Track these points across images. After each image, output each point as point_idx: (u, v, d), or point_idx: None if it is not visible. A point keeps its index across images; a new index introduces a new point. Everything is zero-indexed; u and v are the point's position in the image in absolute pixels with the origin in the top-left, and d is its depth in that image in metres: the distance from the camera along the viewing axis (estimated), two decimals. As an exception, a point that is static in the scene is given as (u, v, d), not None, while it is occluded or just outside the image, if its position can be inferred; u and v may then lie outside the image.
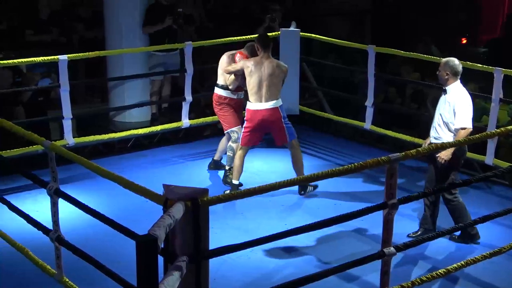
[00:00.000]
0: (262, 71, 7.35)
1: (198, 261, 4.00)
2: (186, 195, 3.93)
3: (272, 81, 7.37)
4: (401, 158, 4.90)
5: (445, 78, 6.39)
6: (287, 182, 4.46)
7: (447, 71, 6.36)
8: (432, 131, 6.53)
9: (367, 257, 5.05)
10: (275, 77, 7.39)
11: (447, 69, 6.37)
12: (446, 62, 6.41)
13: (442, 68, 6.40)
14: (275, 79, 7.39)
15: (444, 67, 6.38)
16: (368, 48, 8.88)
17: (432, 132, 6.54)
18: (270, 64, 7.39)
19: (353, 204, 6.94)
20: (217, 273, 5.81)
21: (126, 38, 9.36)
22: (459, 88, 6.43)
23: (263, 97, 7.38)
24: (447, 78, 6.38)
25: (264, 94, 7.38)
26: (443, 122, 6.40)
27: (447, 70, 6.37)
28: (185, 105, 9.14)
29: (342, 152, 9.37)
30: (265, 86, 7.37)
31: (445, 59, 6.45)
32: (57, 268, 5.18)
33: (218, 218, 6.17)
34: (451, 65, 6.37)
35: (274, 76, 7.38)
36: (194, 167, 8.67)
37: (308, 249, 6.47)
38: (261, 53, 7.43)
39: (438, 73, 6.46)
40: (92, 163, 4.67)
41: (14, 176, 7.77)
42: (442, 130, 6.42)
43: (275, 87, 7.41)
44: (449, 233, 5.48)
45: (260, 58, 7.43)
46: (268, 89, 7.37)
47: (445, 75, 6.38)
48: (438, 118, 6.45)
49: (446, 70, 6.37)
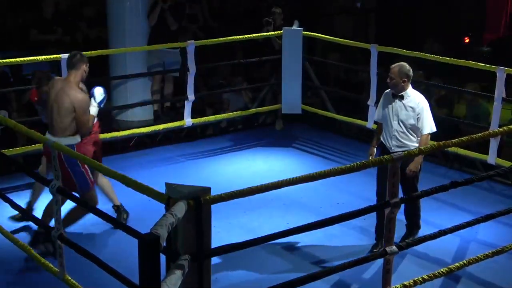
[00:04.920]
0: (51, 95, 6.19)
1: (200, 259, 4.01)
2: (189, 193, 3.93)
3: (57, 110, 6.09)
4: (403, 157, 4.91)
5: (402, 85, 6.19)
6: (289, 181, 4.46)
7: (403, 78, 6.17)
8: (391, 140, 6.27)
9: (370, 255, 5.07)
10: (59, 105, 6.06)
11: (403, 75, 6.16)
12: (400, 68, 6.18)
13: (397, 75, 6.16)
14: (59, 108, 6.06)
15: (400, 74, 6.16)
16: (371, 47, 8.88)
17: (390, 141, 6.29)
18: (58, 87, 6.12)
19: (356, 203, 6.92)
20: (219, 271, 5.83)
21: (129, 37, 9.37)
22: (415, 92, 6.30)
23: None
24: (403, 85, 6.19)
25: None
26: (406, 129, 6.21)
27: (403, 76, 6.17)
28: (188, 104, 9.14)
29: (345, 151, 9.37)
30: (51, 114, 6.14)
31: (396, 66, 6.23)
32: (59, 266, 5.19)
33: (220, 217, 6.17)
34: (406, 71, 6.18)
35: (58, 104, 6.07)
36: (196, 166, 8.68)
37: (311, 247, 6.48)
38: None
39: (391, 81, 6.21)
40: (95, 161, 4.68)
41: (17, 175, 7.78)
42: (407, 137, 6.22)
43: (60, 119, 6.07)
44: (451, 232, 5.47)
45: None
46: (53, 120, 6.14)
47: (401, 81, 6.17)
48: (399, 126, 6.22)
49: (402, 77, 6.17)
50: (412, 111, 6.19)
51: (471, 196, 7.54)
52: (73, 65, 6.12)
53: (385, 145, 6.35)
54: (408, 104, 6.21)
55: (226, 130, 10.24)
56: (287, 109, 9.81)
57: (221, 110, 10.27)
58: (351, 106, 10.23)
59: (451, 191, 5.44)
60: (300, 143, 9.68)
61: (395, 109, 6.25)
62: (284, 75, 9.63)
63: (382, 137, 6.43)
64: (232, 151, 9.36)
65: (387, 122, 6.31)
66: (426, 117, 6.22)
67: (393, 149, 6.18)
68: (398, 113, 6.23)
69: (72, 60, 6.13)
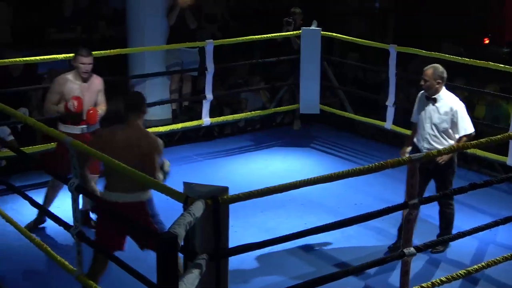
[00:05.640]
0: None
1: (218, 259, 4.01)
2: (207, 193, 3.93)
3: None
4: (422, 158, 4.88)
5: (436, 87, 6.12)
6: (307, 181, 4.45)
7: (437, 80, 6.10)
8: (423, 142, 6.23)
9: (387, 257, 5.05)
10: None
11: (437, 77, 6.09)
12: (434, 70, 6.11)
13: (431, 77, 6.09)
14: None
15: (434, 76, 6.09)
16: (389, 47, 8.85)
17: (422, 143, 6.24)
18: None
19: (374, 204, 6.90)
20: (236, 271, 5.83)
21: (148, 36, 9.38)
22: (449, 94, 6.22)
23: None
24: (437, 87, 6.13)
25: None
26: (438, 132, 6.16)
27: (437, 78, 6.10)
28: (206, 103, 9.15)
29: (363, 151, 9.34)
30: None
31: (430, 68, 6.15)
32: (77, 265, 5.20)
33: (238, 216, 6.17)
34: (440, 72, 6.11)
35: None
36: (214, 165, 8.69)
37: (328, 248, 6.46)
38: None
39: (425, 83, 6.12)
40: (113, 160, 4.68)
41: (36, 172, 7.83)
42: (439, 140, 6.17)
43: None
44: (470, 234, 5.44)
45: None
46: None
47: (435, 84, 6.10)
48: (431, 129, 6.17)
49: (436, 79, 6.10)
50: (445, 114, 6.12)
51: (490, 198, 7.49)
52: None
53: (418, 146, 6.31)
54: (442, 107, 6.14)
55: (244, 129, 10.24)
56: (305, 109, 9.80)
57: (239, 109, 10.27)
58: (369, 106, 10.21)
59: (470, 193, 5.41)
60: (318, 143, 9.66)
61: (428, 112, 6.19)
62: (302, 75, 9.63)
63: (416, 138, 6.36)
64: (249, 151, 9.36)
65: (421, 124, 6.26)
66: (461, 120, 6.14)
67: (423, 152, 6.01)
68: (431, 116, 6.17)
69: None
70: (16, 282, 5.95)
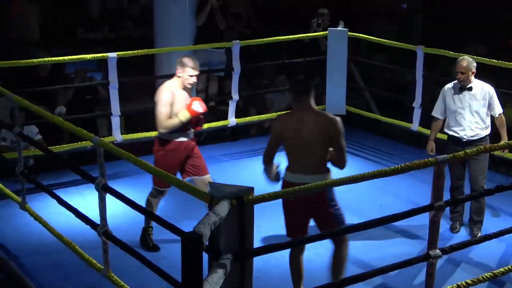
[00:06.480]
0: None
1: (242, 259, 4.02)
2: (232, 193, 3.94)
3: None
4: (449, 160, 4.86)
5: (470, 78, 6.57)
6: (332, 182, 4.44)
7: (472, 70, 6.56)
8: (465, 131, 6.59)
9: (413, 259, 5.02)
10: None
11: (472, 68, 6.56)
12: (468, 63, 6.57)
13: (467, 69, 6.53)
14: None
15: (470, 67, 6.54)
16: (416, 48, 8.79)
17: (464, 133, 6.60)
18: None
19: (399, 206, 6.88)
20: (260, 271, 5.83)
21: (175, 37, 9.42)
22: (478, 81, 6.65)
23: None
24: (471, 78, 6.58)
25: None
26: (480, 118, 6.56)
27: (472, 69, 6.56)
28: (232, 103, 9.16)
29: (389, 153, 9.31)
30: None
31: (464, 61, 6.59)
32: (104, 263, 5.25)
33: (263, 216, 6.17)
34: (472, 63, 6.57)
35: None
36: (240, 166, 8.70)
37: (353, 249, 6.42)
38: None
39: (463, 75, 6.55)
40: (140, 159, 4.71)
41: (62, 171, 7.90)
42: (480, 126, 6.58)
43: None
44: (496, 237, 5.39)
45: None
46: None
47: (471, 74, 6.55)
48: (472, 116, 6.57)
49: (471, 69, 6.55)
50: (483, 99, 6.56)
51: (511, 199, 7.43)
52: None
53: (457, 137, 6.63)
54: (479, 94, 6.57)
55: (269, 130, 10.21)
56: (331, 110, 9.73)
57: (265, 110, 10.27)
58: (395, 107, 10.16)
59: (497, 195, 5.37)
60: (343, 144, 9.62)
61: (465, 102, 6.59)
62: (329, 75, 9.60)
63: (451, 130, 6.70)
64: (275, 151, 9.34)
65: (458, 115, 6.61)
66: (496, 101, 6.60)
67: (466, 139, 6.56)
68: (470, 104, 6.57)
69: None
70: (45, 276, 6.02)
